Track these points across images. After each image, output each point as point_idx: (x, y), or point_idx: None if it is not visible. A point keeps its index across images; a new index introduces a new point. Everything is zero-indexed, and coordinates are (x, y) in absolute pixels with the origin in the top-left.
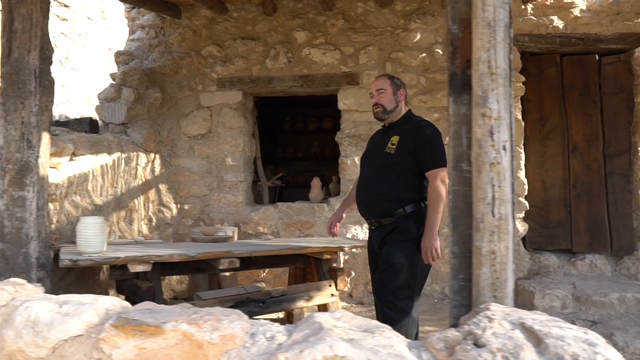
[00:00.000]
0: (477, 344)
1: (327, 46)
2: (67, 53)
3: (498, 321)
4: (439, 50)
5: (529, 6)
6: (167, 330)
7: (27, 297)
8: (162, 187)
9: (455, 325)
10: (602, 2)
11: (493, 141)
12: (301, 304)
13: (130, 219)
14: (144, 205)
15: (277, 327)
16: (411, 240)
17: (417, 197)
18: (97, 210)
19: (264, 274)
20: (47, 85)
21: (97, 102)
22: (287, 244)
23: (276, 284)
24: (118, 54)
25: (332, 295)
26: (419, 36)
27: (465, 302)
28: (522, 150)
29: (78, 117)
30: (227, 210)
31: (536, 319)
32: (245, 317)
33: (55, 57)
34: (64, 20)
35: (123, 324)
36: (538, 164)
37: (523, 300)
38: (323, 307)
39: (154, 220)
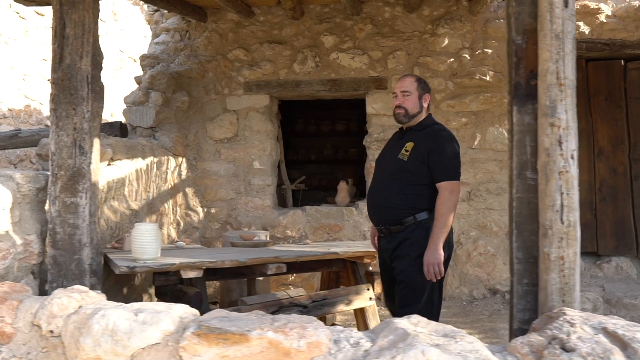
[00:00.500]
0: (565, 349)
1: (355, 50)
2: None
3: (579, 326)
4: (467, 55)
5: None
6: (252, 338)
7: (97, 305)
8: (189, 191)
9: (521, 329)
10: (628, 8)
11: (562, 150)
12: (341, 307)
13: (160, 223)
14: (173, 209)
15: (357, 333)
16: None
17: (429, 206)
18: (134, 215)
19: (292, 277)
20: (98, 91)
21: (123, 106)
22: (327, 249)
23: (305, 287)
24: (143, 57)
25: (370, 299)
26: (446, 41)
27: (529, 307)
28: None
29: (110, 121)
30: (254, 214)
31: (617, 324)
32: (321, 323)
33: None
34: None
35: (206, 332)
36: None
37: None
38: (361, 311)
39: (182, 224)
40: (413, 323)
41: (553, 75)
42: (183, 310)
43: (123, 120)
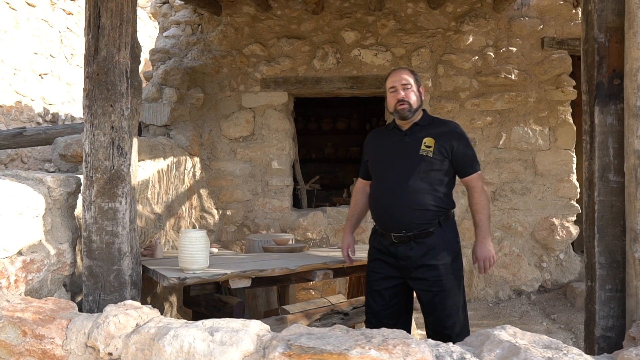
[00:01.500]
0: None
1: (378, 47)
2: (73, 49)
3: None
4: (491, 54)
5: (579, 10)
6: (352, 357)
7: (160, 323)
8: (203, 192)
9: (604, 337)
10: None
11: None
12: None
13: (178, 227)
14: (189, 211)
15: (455, 347)
16: (456, 256)
17: (451, 205)
18: (158, 220)
19: (313, 282)
20: (137, 87)
21: None
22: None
23: (326, 291)
24: (153, 52)
25: None
26: (471, 39)
27: (612, 314)
28: (574, 154)
29: None
30: (272, 215)
31: None
32: (416, 337)
33: (61, 54)
34: (69, 14)
35: (298, 352)
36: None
37: (583, 303)
38: None
39: (197, 227)
40: (511, 334)
41: None
42: (258, 327)
43: None
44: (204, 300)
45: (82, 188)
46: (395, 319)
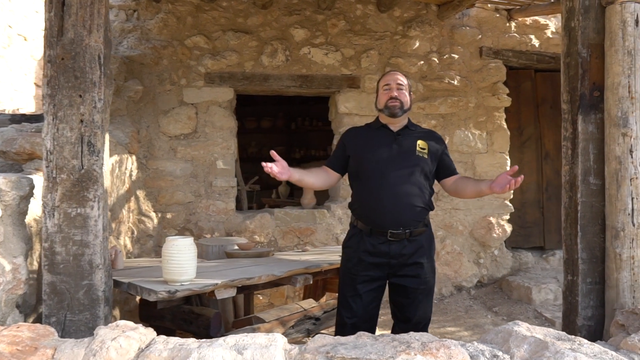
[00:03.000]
0: None
1: (328, 46)
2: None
3: None
4: (435, 59)
5: (513, 24)
6: None
7: (172, 345)
8: (140, 194)
9: (586, 326)
10: None
11: (632, 158)
12: None
13: (118, 232)
14: (127, 215)
15: (482, 345)
16: (434, 254)
17: (432, 206)
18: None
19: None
20: (109, 76)
21: (11, 91)
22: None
23: (273, 296)
24: None
25: None
26: (417, 44)
27: (592, 304)
28: (508, 157)
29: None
30: (216, 218)
31: None
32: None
33: None
34: None
35: None
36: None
37: (519, 295)
38: None
39: (135, 232)
40: (527, 328)
41: (625, 88)
42: (283, 341)
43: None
44: (169, 314)
45: (42, 191)
46: (370, 322)
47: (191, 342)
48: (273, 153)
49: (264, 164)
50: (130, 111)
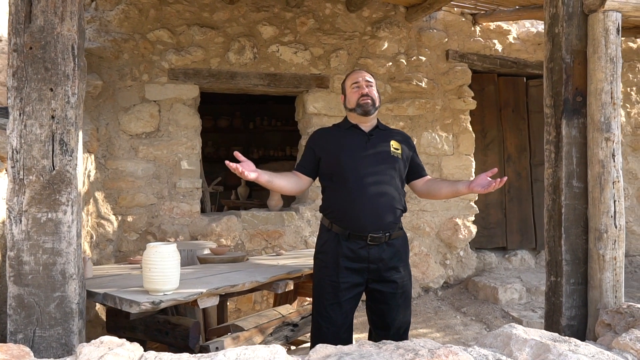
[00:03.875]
0: None
1: (297, 45)
2: None
3: None
4: (404, 61)
5: (478, 28)
6: None
7: None
8: (99, 196)
9: (569, 325)
10: (528, 32)
11: (614, 162)
12: None
13: None
14: (85, 218)
15: (483, 349)
16: (409, 257)
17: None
18: None
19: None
20: (83, 69)
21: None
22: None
23: (240, 301)
24: None
25: None
26: (386, 45)
27: (575, 304)
28: (473, 159)
29: None
30: (180, 221)
31: None
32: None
33: None
34: None
35: None
36: (480, 170)
37: (486, 295)
38: None
39: (94, 236)
40: (524, 331)
41: (608, 94)
42: (284, 353)
43: None
44: (142, 324)
45: (7, 194)
46: (349, 329)
47: (186, 357)
48: (237, 154)
49: (228, 163)
50: (88, 107)
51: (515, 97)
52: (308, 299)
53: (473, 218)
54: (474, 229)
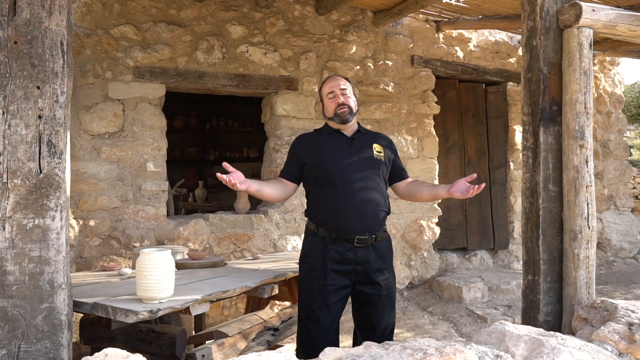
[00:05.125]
0: None
1: (267, 46)
2: None
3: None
4: (371, 65)
5: (441, 35)
6: None
7: None
8: None
9: (546, 321)
10: (487, 41)
11: (587, 168)
12: None
13: None
14: None
15: (481, 347)
16: (392, 259)
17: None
18: None
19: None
20: (71, 66)
21: None
22: (289, 263)
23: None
24: None
25: None
26: (354, 48)
27: (551, 301)
28: (437, 162)
29: None
30: (146, 225)
31: None
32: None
33: None
34: None
35: None
36: (442, 174)
37: (450, 295)
38: None
39: None
40: (515, 327)
41: (582, 104)
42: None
43: None
44: (122, 334)
45: None
46: (337, 331)
47: None
48: (226, 165)
49: (219, 175)
50: None
51: (475, 103)
52: (278, 302)
53: (437, 220)
54: (437, 230)
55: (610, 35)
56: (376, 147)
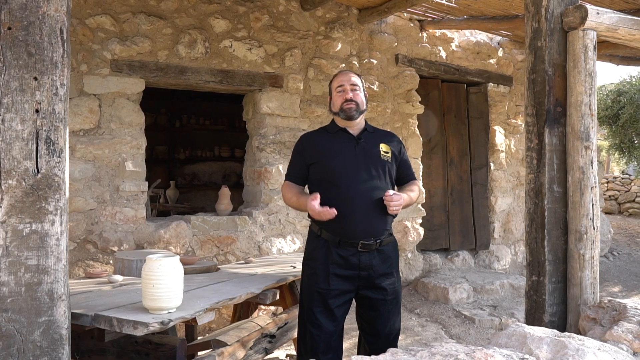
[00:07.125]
0: None
1: (251, 41)
2: None
3: None
4: (356, 63)
5: (425, 34)
6: None
7: None
8: None
9: (551, 321)
10: (468, 41)
11: (592, 169)
12: None
13: None
14: None
15: (504, 350)
16: (399, 263)
17: None
18: None
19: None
20: (69, 55)
21: None
22: (284, 267)
23: None
24: None
25: None
26: (339, 46)
27: (556, 301)
28: (421, 163)
29: None
30: (125, 228)
31: None
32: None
33: None
34: None
35: None
36: (425, 174)
37: (436, 296)
38: None
39: None
40: (532, 329)
41: (587, 106)
42: None
43: None
44: (114, 346)
45: None
46: (340, 336)
47: None
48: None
49: (317, 209)
50: None
51: (457, 103)
52: (263, 307)
53: (421, 220)
54: (422, 231)
55: (610, 38)
56: (383, 147)
